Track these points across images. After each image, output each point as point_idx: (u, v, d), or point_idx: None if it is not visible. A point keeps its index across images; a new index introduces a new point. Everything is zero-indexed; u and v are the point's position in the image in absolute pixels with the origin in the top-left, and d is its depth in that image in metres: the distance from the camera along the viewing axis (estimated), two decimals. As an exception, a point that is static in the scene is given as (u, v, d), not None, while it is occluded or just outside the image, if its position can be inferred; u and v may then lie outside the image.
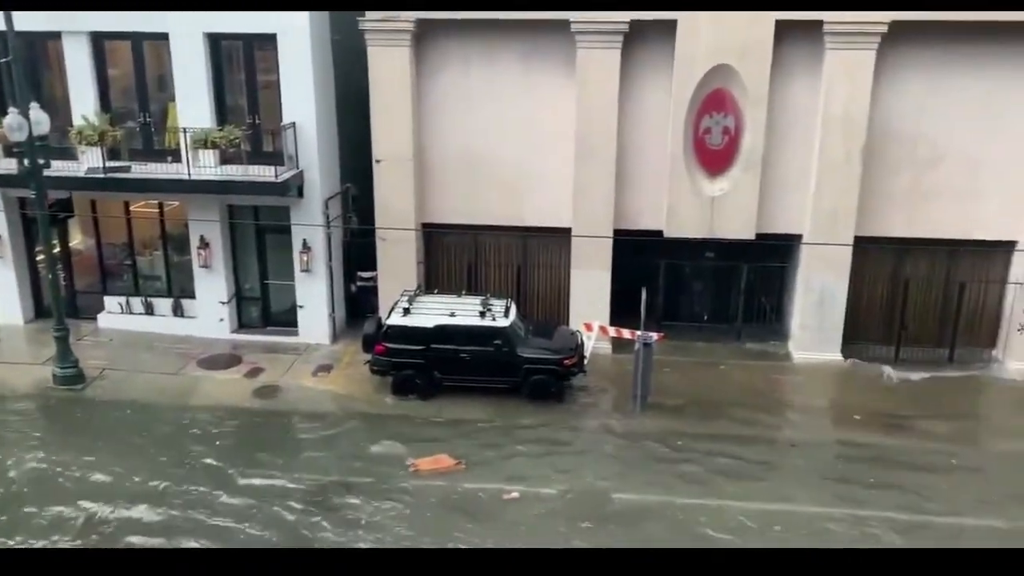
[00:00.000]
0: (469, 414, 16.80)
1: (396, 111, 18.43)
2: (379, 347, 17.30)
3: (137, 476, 14.56)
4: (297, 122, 18.16)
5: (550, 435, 16.12)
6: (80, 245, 21.04)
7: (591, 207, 18.52)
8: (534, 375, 17.08)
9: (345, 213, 20.25)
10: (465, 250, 19.92)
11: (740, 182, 18.18)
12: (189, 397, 17.46)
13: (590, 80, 17.85)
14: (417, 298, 17.75)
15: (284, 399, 17.47)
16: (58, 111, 18.31)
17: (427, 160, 19.13)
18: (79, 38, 18.35)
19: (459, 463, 15.01)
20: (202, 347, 19.53)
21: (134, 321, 20.28)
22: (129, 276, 20.65)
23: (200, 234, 19.35)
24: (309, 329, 19.77)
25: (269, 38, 17.88)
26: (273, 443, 15.84)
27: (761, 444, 15.82)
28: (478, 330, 17.01)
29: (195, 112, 18.23)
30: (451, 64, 18.55)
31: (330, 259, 19.51)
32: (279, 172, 17.91)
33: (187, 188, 18.15)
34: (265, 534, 12.98)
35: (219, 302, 19.81)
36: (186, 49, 18.05)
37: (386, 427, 16.39)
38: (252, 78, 18.68)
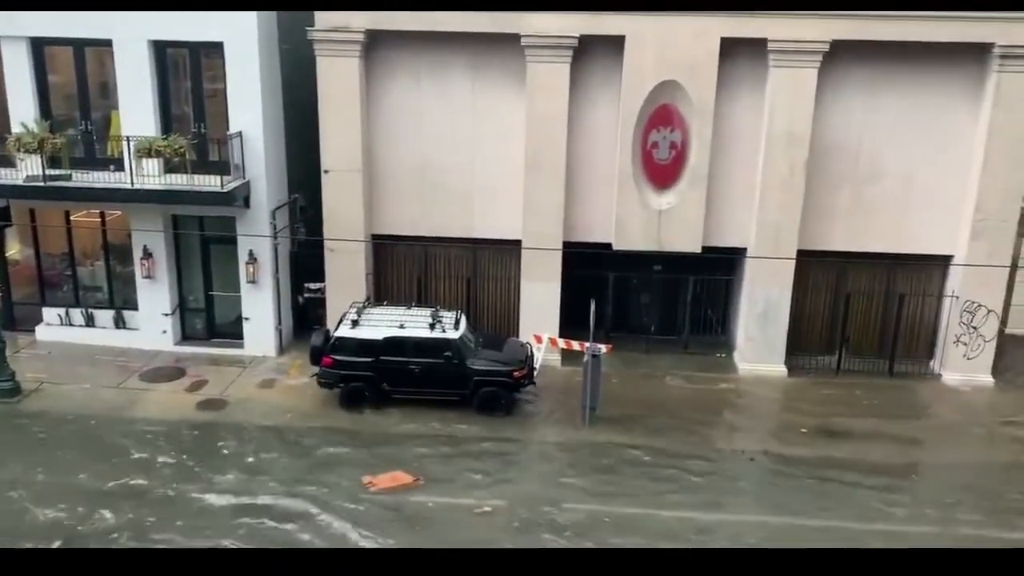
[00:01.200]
0: (417, 427, 16.69)
1: (345, 121, 18.34)
2: (327, 359, 17.12)
3: (67, 489, 14.17)
4: (244, 131, 17.96)
5: (499, 447, 16.09)
6: (18, 255, 20.50)
7: (540, 220, 18.62)
8: (484, 387, 17.05)
9: (293, 224, 20.07)
10: (415, 262, 19.87)
11: (687, 196, 18.45)
12: (130, 410, 17.06)
13: (539, 93, 17.98)
14: (366, 310, 17.61)
15: (228, 412, 17.17)
16: (-5, 117, 17.90)
17: (377, 171, 19.06)
18: (18, 43, 17.94)
19: (417, 480, 14.85)
20: (144, 360, 19.14)
21: (74, 333, 19.79)
22: (69, 287, 20.16)
23: (143, 244, 18.99)
24: (255, 341, 19.48)
25: (216, 46, 17.68)
26: (214, 457, 15.53)
27: (703, 456, 15.97)
28: (428, 342, 16.95)
29: (139, 120, 17.92)
30: (401, 75, 18.54)
31: (277, 270, 19.28)
32: (225, 182, 17.67)
33: (130, 197, 17.81)
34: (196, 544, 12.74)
35: (162, 314, 19.44)
36: (130, 56, 17.75)
37: (333, 440, 16.18)
38: (198, 86, 18.44)
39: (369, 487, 14.57)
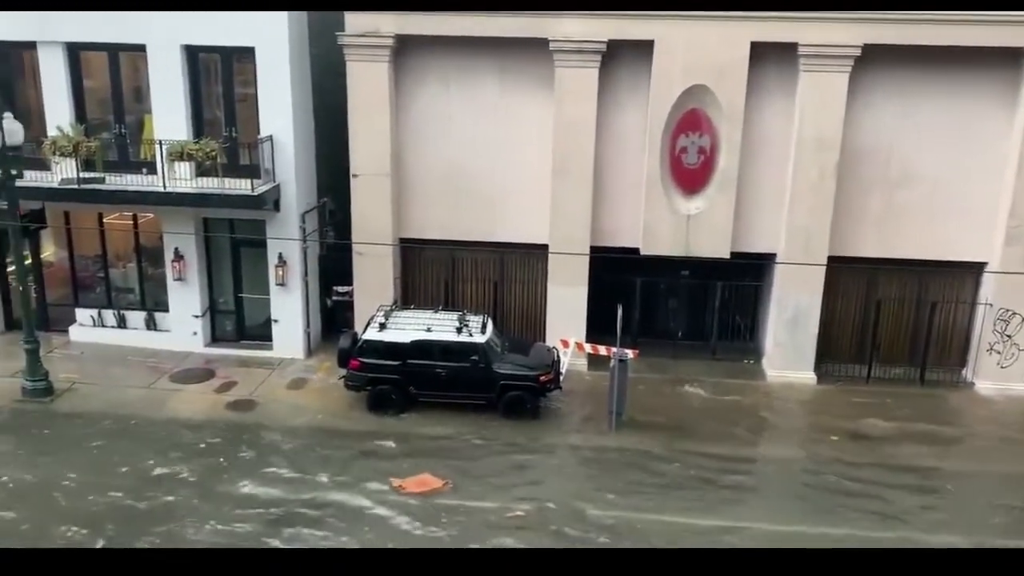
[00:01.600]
0: (445, 430, 16.72)
1: (374, 126, 18.44)
2: (354, 362, 17.22)
3: (97, 488, 14.38)
4: (274, 135, 18.13)
5: (526, 452, 16.08)
6: (52, 257, 20.80)
7: (568, 224, 18.61)
8: (510, 391, 17.06)
9: (321, 227, 20.21)
10: (442, 266, 19.92)
11: (715, 201, 18.35)
12: (161, 411, 17.26)
13: (567, 98, 17.98)
14: (393, 313, 17.69)
15: (257, 413, 17.32)
16: (32, 121, 18.13)
17: (405, 175, 19.15)
18: (54, 48, 18.23)
19: (445, 484, 14.87)
20: (175, 361, 19.35)
21: (106, 334, 20.05)
22: (102, 289, 20.44)
23: (175, 247, 19.22)
24: (284, 343, 19.63)
25: (247, 51, 17.86)
26: (243, 457, 15.67)
27: (733, 461, 15.87)
28: (454, 346, 16.99)
29: (172, 124, 18.15)
30: (430, 80, 18.62)
31: (306, 273, 19.43)
32: (255, 185, 17.84)
33: (162, 200, 18.03)
34: (230, 543, 12.85)
35: (193, 315, 19.65)
36: (163, 61, 17.98)
37: (360, 442, 16.27)
38: (230, 91, 18.64)
39: (398, 490, 14.63)
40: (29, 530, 13.18)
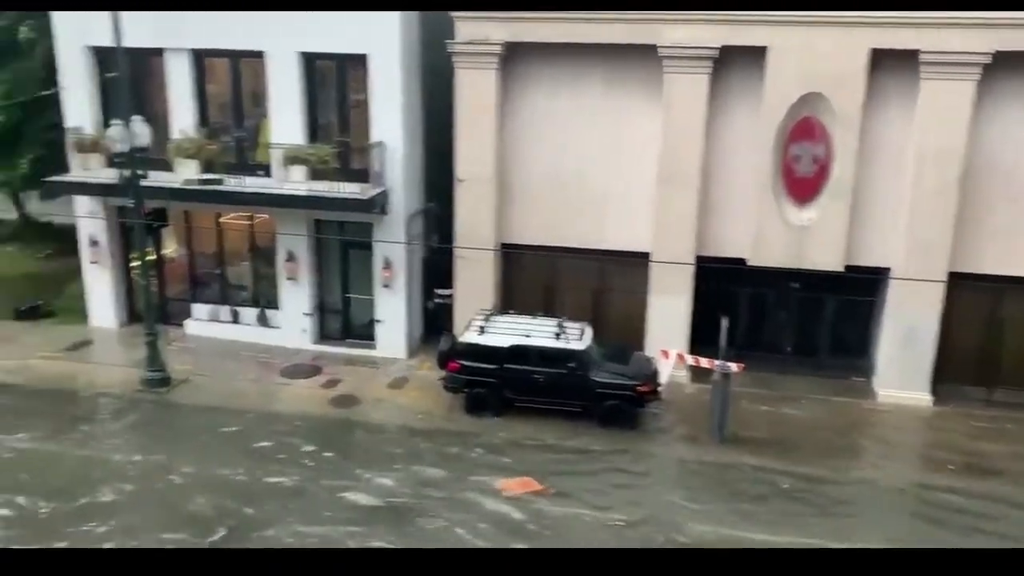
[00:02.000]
0: (541, 436, 16.72)
1: (480, 132, 18.63)
2: (453, 364, 17.41)
3: (208, 478, 14.99)
4: (384, 141, 18.53)
5: (622, 462, 15.90)
6: (172, 254, 21.81)
7: (672, 232, 18.34)
8: (607, 400, 16.91)
9: (426, 231, 20.52)
10: (543, 271, 19.93)
11: (829, 212, 17.74)
12: (270, 404, 17.86)
13: (676, 105, 17.73)
14: (492, 317, 17.81)
15: (360, 410, 17.71)
16: (159, 124, 19.05)
17: (509, 181, 19.27)
18: (181, 55, 19.12)
19: (547, 488, 14.85)
20: (284, 356, 19.98)
21: (220, 329, 20.89)
22: (217, 285, 21.31)
23: (287, 247, 19.87)
24: (387, 343, 20.03)
25: (361, 58, 18.31)
26: (347, 452, 16.07)
27: (839, 484, 15.28)
28: (553, 352, 16.96)
29: (287, 129, 18.78)
30: (536, 86, 18.69)
31: (410, 276, 19.78)
32: (365, 189, 18.27)
33: (276, 202, 18.67)
34: (336, 535, 13.24)
35: (302, 314, 20.26)
36: (281, 67, 18.63)
37: (459, 443, 16.44)
38: (343, 97, 19.16)
39: (502, 491, 14.69)
40: (143, 516, 13.94)
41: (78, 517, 13.72)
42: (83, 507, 14.07)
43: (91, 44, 19.20)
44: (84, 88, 19.64)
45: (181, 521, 13.71)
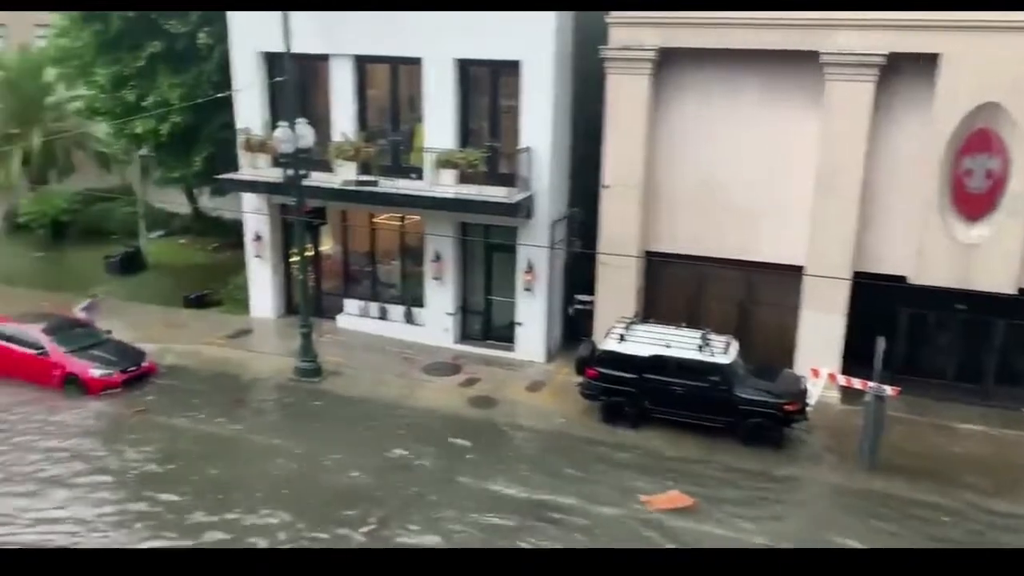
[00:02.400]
0: (679, 450, 16.39)
1: (629, 137, 18.48)
2: (591, 371, 17.34)
3: (354, 466, 15.57)
4: (533, 146, 18.70)
5: (764, 482, 15.37)
6: (328, 251, 22.82)
7: (828, 246, 17.56)
8: (752, 417, 16.38)
9: (569, 236, 20.54)
10: (687, 281, 19.54)
11: (1003, 230, 16.48)
12: (411, 399, 18.39)
13: (838, 113, 16.97)
14: (633, 326, 17.62)
15: (497, 411, 17.94)
16: (321, 127, 19.95)
17: (656, 188, 19.01)
18: (344, 61, 19.99)
19: (695, 503, 14.55)
20: (427, 354, 20.51)
21: (369, 324, 21.69)
22: (368, 282, 22.13)
23: (434, 248, 20.40)
24: (526, 346, 20.20)
25: (514, 64, 18.56)
26: (485, 451, 16.31)
27: (1004, 516, 14.16)
28: (695, 364, 16.59)
29: (440, 133, 19.28)
30: (689, 92, 18.36)
31: (551, 280, 19.87)
32: (511, 193, 18.50)
33: (427, 204, 19.20)
34: (470, 532, 13.46)
35: (446, 313, 20.74)
36: (437, 73, 19.14)
37: (594, 450, 16.37)
38: (495, 102, 19.48)
39: (646, 505, 14.49)
40: (301, 501, 14.66)
41: (244, 498, 14.61)
42: (248, 487, 14.98)
43: (262, 50, 20.38)
44: (254, 91, 20.86)
45: (338, 505, 14.33)
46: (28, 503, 14.39)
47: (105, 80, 23.65)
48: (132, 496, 14.69)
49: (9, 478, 15.19)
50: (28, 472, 15.36)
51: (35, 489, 14.81)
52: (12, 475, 15.28)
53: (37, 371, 18.65)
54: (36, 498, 14.54)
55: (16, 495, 14.63)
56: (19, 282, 25.26)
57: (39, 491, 14.75)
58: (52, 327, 19.35)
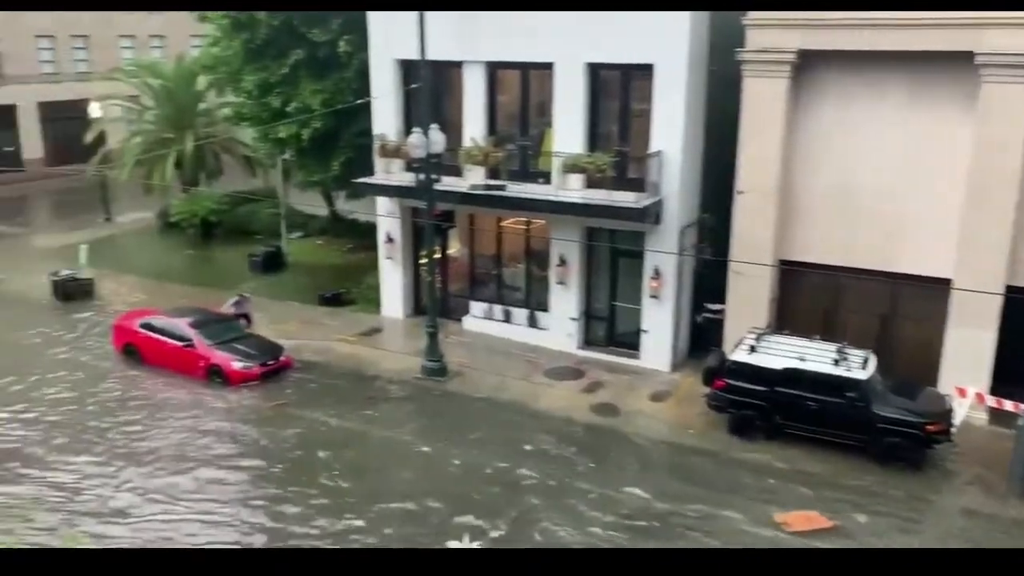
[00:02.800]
0: (812, 467, 15.76)
1: (765, 143, 17.93)
2: (720, 382, 16.91)
3: (476, 466, 15.76)
4: (663, 150, 18.42)
5: (906, 507, 14.60)
6: (456, 253, 23.23)
7: (980, 258, 16.49)
8: (890, 436, 15.57)
9: (699, 243, 20.11)
10: (824, 292, 18.75)
11: None
12: (533, 402, 18.45)
13: (994, 118, 15.91)
14: (765, 337, 17.07)
15: (619, 419, 17.74)
16: (452, 132, 20.31)
17: (792, 194, 18.36)
18: (477, 67, 20.30)
19: (834, 525, 13.95)
20: (549, 358, 20.53)
21: (493, 326, 21.92)
22: (494, 285, 22.38)
23: (559, 252, 20.40)
24: (651, 354, 19.90)
25: (646, 68, 18.34)
26: (606, 459, 16.17)
27: None
28: (830, 379, 15.91)
29: (569, 137, 19.28)
30: (829, 95, 17.65)
31: (679, 288, 19.51)
32: (640, 198, 18.28)
33: (553, 208, 19.22)
34: (594, 544, 13.34)
35: (569, 318, 20.70)
36: (567, 78, 19.15)
37: (720, 464, 15.97)
38: (625, 106, 19.31)
39: (783, 526, 13.98)
40: (429, 498, 14.97)
41: (376, 493, 15.10)
42: (378, 483, 15.48)
43: (399, 57, 20.97)
44: (390, 98, 21.48)
45: (467, 505, 14.58)
46: (180, 480, 15.49)
47: (252, 87, 24.97)
48: (277, 483, 15.47)
49: (161, 458, 16.27)
50: (184, 454, 16.45)
51: (190, 467, 15.92)
52: (162, 454, 16.36)
53: (184, 362, 19.82)
54: (187, 476, 15.62)
55: (171, 473, 15.75)
56: (170, 277, 26.96)
57: (192, 471, 15.81)
58: (198, 321, 20.51)
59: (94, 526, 14.08)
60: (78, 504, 14.74)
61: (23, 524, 13.89)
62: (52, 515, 14.36)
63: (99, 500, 14.89)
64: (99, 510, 14.61)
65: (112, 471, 15.82)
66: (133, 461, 16.16)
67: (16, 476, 15.61)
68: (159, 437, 17.08)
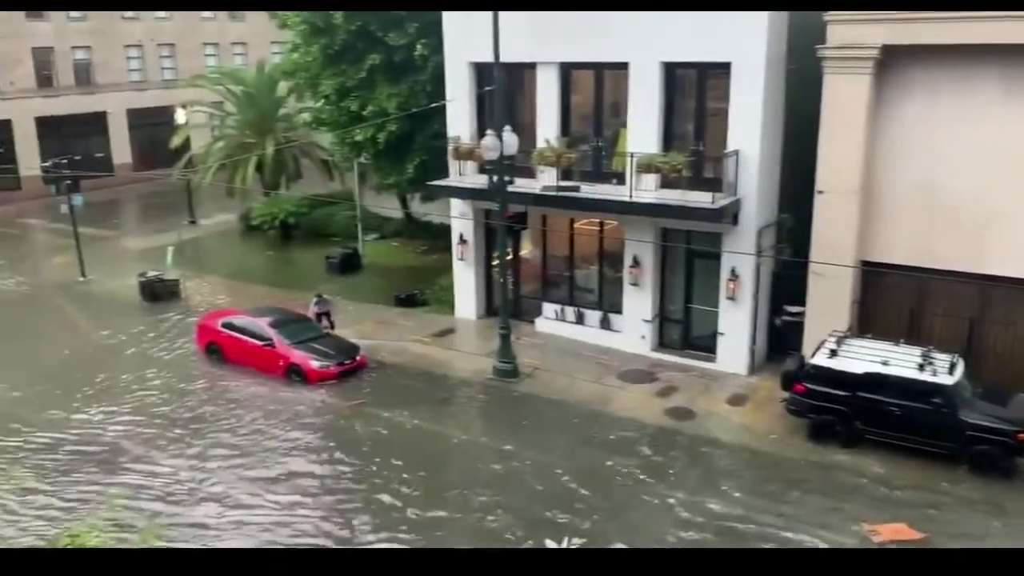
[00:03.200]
0: (896, 475, 15.26)
1: (847, 141, 17.44)
2: (799, 387, 16.53)
3: (547, 469, 15.74)
4: (741, 149, 18.08)
5: (998, 518, 14.00)
6: (529, 255, 23.28)
7: (1077, 260, 15.73)
8: (978, 444, 15.00)
9: (778, 244, 19.69)
10: (908, 294, 18.14)
11: None
12: (605, 405, 18.33)
13: (1093, 111, 15.17)
14: (847, 340, 16.62)
15: (695, 424, 17.48)
16: (524, 133, 20.32)
17: (875, 194, 17.82)
18: (550, 68, 20.28)
19: (925, 536, 13.45)
20: (622, 360, 20.36)
21: (565, 328, 21.86)
22: (566, 287, 22.33)
23: (633, 253, 20.22)
24: (727, 357, 19.57)
25: (723, 66, 18.04)
26: (680, 464, 15.97)
27: None
28: (915, 384, 15.39)
29: (644, 137, 19.09)
30: (915, 91, 17.08)
31: (757, 289, 19.13)
32: (716, 198, 17.98)
33: (627, 209, 19.07)
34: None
35: (643, 320, 20.51)
36: (642, 77, 18.97)
37: (800, 472, 15.59)
38: (701, 105, 19.04)
39: (870, 535, 13.52)
40: (508, 499, 15.05)
41: (457, 489, 15.34)
42: (459, 480, 15.71)
43: (473, 60, 21.10)
44: (464, 100, 21.64)
45: (544, 507, 14.56)
46: (266, 472, 16.02)
47: (330, 91, 25.49)
48: (362, 477, 15.84)
49: (246, 453, 16.76)
50: (268, 448, 16.97)
51: (275, 462, 16.43)
52: (247, 451, 16.83)
53: (264, 361, 20.34)
54: (273, 469, 16.09)
55: (257, 467, 16.23)
56: (251, 278, 27.72)
57: (276, 465, 16.30)
58: (277, 321, 21.02)
59: (182, 520, 14.56)
60: (166, 497, 15.28)
61: (110, 516, 14.43)
62: (146, 506, 14.90)
63: (189, 495, 15.36)
64: (188, 503, 15.10)
65: (201, 465, 16.35)
66: (220, 456, 16.65)
67: (112, 470, 16.23)
68: (243, 432, 17.59)
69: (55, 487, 15.55)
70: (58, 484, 15.65)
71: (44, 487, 15.53)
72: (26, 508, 14.89)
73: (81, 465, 16.35)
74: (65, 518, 14.23)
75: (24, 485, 15.32)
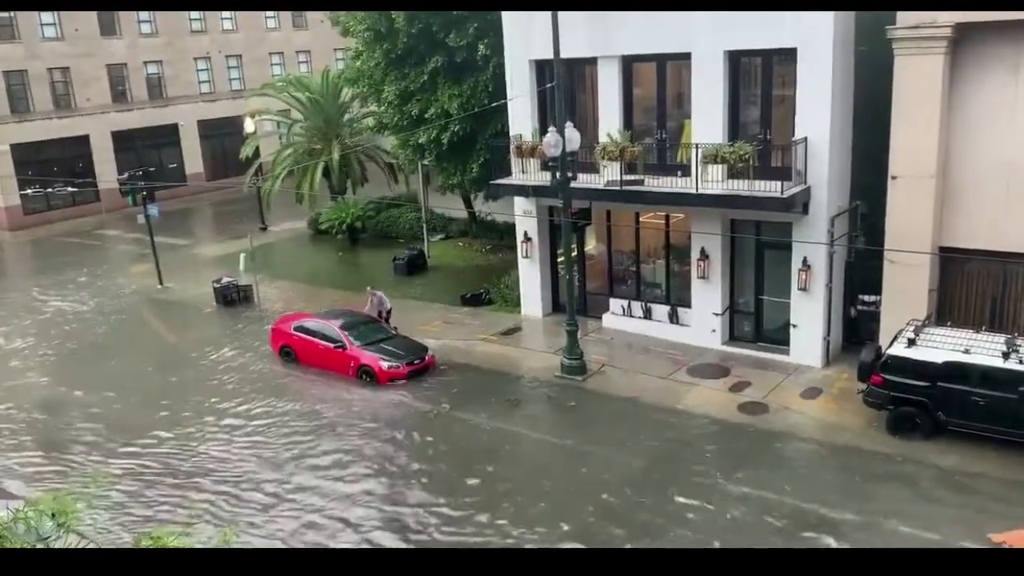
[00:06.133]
0: (984, 468, 14.73)
1: (921, 124, 16.89)
2: (877, 378, 16.07)
3: (615, 466, 15.64)
4: (809, 137, 17.67)
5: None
6: (593, 251, 23.17)
7: None
8: (1070, 434, 14.35)
9: (851, 232, 19.18)
10: (991, 280, 17.49)
11: None
12: (676, 401, 18.12)
13: None
14: (925, 329, 16.11)
15: (770, 418, 17.15)
16: (586, 129, 20.26)
17: (952, 178, 17.22)
18: (611, 62, 20.12)
19: None
20: (692, 355, 20.11)
21: (633, 324, 21.70)
22: (632, 282, 22.16)
23: (701, 246, 19.95)
24: (801, 349, 19.15)
25: (789, 52, 17.67)
26: (756, 461, 15.68)
27: None
28: (1000, 373, 14.83)
29: (708, 128, 18.79)
30: (993, 70, 16.44)
31: (830, 279, 18.67)
32: (785, 188, 17.60)
33: (693, 202, 18.78)
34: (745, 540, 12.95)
35: (713, 313, 20.21)
36: (706, 67, 18.68)
37: (880, 466, 15.16)
38: (767, 93, 18.68)
39: (1000, 545, 12.79)
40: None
41: (538, 486, 15.39)
42: (540, 478, 15.73)
43: (534, 58, 21.08)
44: (525, 98, 21.64)
45: (624, 504, 14.53)
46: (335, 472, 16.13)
47: (393, 96, 25.78)
48: (446, 477, 16.00)
49: (327, 452, 17.05)
50: (346, 446, 17.26)
51: (351, 460, 16.56)
52: (329, 450, 17.12)
53: (336, 362, 20.70)
54: (342, 471, 16.24)
55: (335, 466, 16.44)
56: (321, 282, 28.23)
57: (353, 464, 16.46)
58: (348, 323, 21.37)
59: (265, 519, 14.83)
60: (247, 499, 15.61)
61: (193, 512, 14.87)
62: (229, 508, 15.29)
63: (271, 495, 15.62)
64: (270, 504, 15.37)
65: (282, 464, 16.71)
66: (300, 455, 16.99)
67: (198, 472, 16.68)
68: (323, 432, 17.94)
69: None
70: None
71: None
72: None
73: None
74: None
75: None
